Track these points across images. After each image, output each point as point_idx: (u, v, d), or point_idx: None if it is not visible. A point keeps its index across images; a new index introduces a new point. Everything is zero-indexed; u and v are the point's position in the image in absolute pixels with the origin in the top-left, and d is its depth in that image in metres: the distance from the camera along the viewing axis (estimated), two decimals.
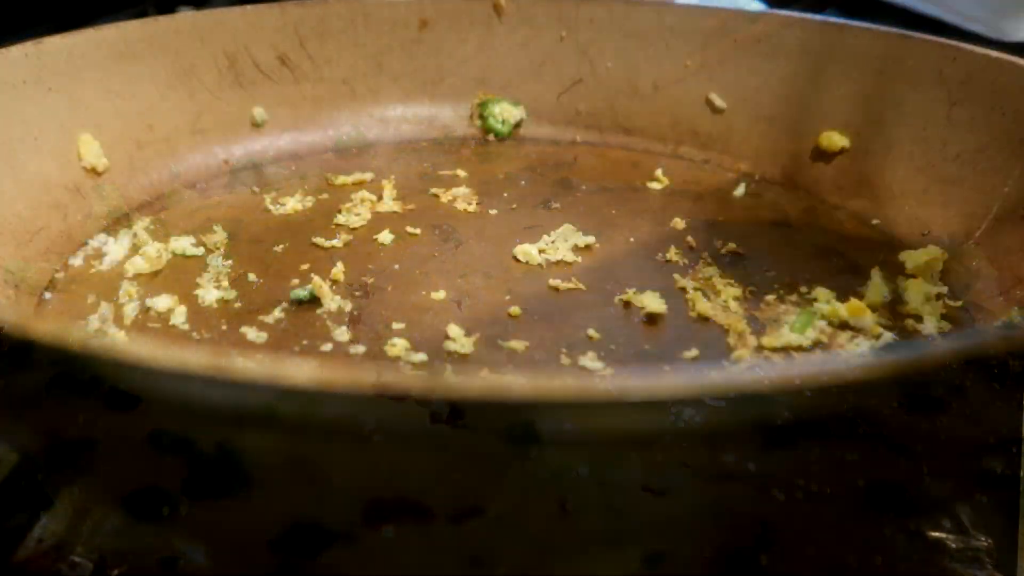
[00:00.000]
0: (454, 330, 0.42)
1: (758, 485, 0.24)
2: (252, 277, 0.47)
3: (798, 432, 0.23)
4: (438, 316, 0.43)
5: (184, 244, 0.50)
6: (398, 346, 0.41)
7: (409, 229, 0.52)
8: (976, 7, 0.34)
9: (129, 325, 0.43)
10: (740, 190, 0.58)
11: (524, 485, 0.23)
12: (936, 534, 0.36)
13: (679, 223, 0.53)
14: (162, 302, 0.44)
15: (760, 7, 0.78)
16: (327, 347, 0.41)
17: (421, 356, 0.41)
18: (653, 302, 0.43)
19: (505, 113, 0.66)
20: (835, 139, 0.57)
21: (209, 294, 0.45)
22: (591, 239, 0.51)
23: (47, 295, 0.45)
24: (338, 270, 0.47)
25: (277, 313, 0.43)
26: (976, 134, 0.51)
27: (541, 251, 0.49)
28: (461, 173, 0.60)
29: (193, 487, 0.27)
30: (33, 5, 0.77)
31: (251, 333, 0.42)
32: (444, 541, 0.24)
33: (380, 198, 0.56)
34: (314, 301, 0.44)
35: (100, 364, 0.23)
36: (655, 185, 0.59)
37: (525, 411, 0.21)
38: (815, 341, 0.41)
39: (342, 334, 0.42)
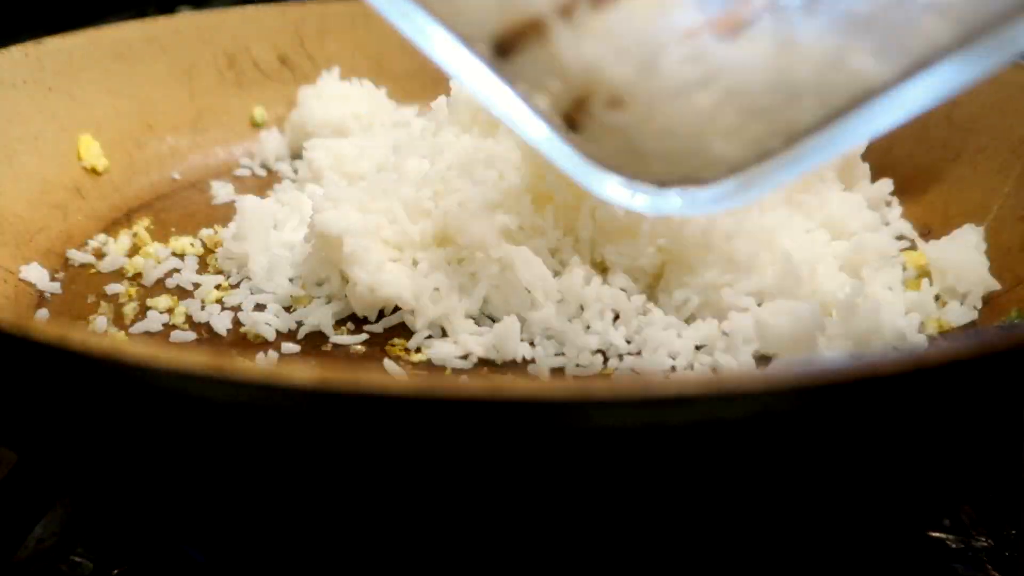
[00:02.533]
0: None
1: (755, 485, 0.24)
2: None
3: (796, 431, 0.23)
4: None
5: (184, 244, 0.50)
6: (398, 346, 0.41)
7: None
8: None
9: (129, 325, 0.43)
10: None
11: None
12: (936, 534, 0.36)
13: None
14: (162, 302, 0.44)
15: None
16: (327, 347, 0.41)
17: (421, 356, 0.41)
18: None
19: None
20: None
21: (210, 294, 0.45)
22: None
23: (47, 295, 0.45)
24: None
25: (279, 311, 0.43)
26: (976, 134, 0.51)
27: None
28: None
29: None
30: (33, 5, 0.77)
31: (252, 332, 0.42)
32: None
33: None
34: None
35: (100, 364, 0.23)
36: None
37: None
38: None
39: (343, 333, 0.42)
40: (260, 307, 0.44)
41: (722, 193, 0.29)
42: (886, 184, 0.52)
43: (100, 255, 0.49)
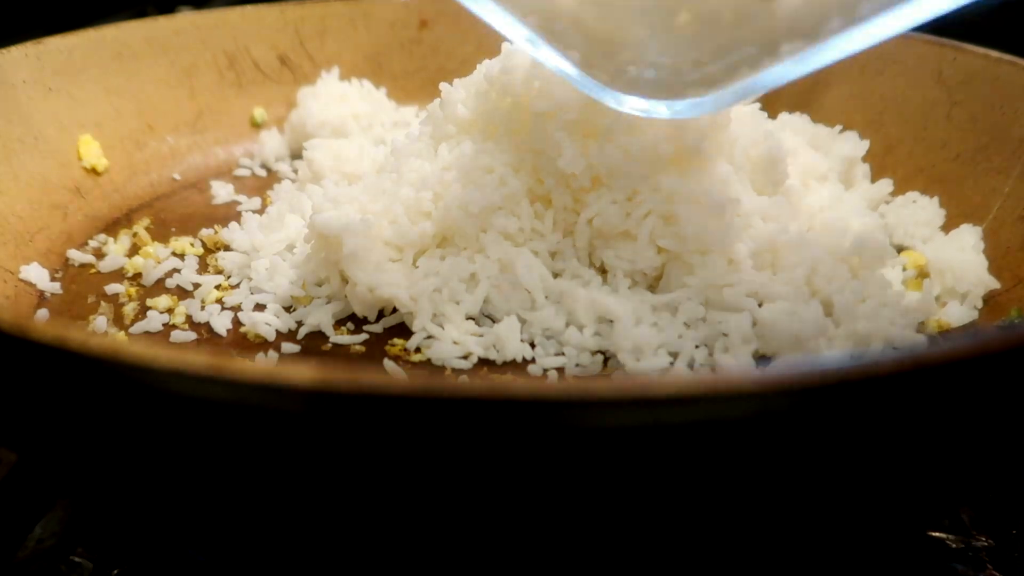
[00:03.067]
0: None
1: (755, 485, 0.24)
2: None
3: (796, 431, 0.23)
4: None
5: (184, 244, 0.50)
6: (398, 346, 0.41)
7: None
8: None
9: (129, 325, 0.43)
10: None
11: None
12: (936, 534, 0.36)
13: None
14: (162, 302, 0.44)
15: None
16: (327, 347, 0.41)
17: (421, 356, 0.41)
18: None
19: None
20: None
21: (210, 294, 0.45)
22: None
23: (47, 295, 0.45)
24: None
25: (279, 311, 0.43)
26: (976, 134, 0.51)
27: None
28: None
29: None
30: (33, 5, 0.77)
31: (252, 332, 0.42)
32: None
33: None
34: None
35: (100, 364, 0.23)
36: None
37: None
38: None
39: (343, 333, 0.42)
40: (260, 307, 0.44)
41: (693, 104, 0.39)
42: (886, 184, 0.52)
43: (100, 255, 0.49)
